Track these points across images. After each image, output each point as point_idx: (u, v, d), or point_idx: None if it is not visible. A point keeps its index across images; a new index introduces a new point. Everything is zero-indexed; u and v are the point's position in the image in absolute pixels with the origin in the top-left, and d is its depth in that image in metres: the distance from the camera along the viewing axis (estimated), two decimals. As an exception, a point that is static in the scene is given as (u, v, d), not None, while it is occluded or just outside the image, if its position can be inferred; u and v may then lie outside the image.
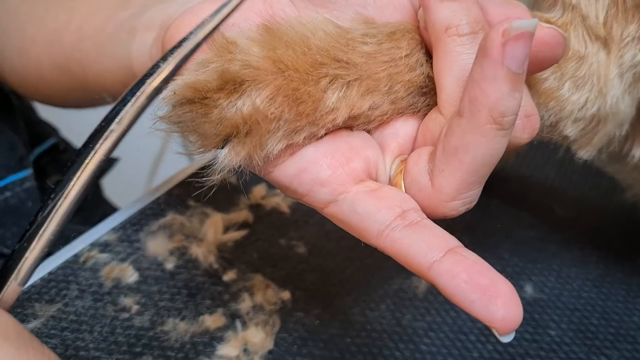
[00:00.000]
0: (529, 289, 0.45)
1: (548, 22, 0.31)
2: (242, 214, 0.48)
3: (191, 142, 0.28)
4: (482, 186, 0.27)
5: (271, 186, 0.51)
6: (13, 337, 0.24)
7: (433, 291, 0.44)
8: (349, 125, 0.29)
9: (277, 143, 0.27)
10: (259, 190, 0.51)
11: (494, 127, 0.25)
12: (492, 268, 0.25)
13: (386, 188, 0.28)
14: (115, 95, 0.39)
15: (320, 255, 0.46)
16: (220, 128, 0.26)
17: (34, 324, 0.38)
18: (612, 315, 0.44)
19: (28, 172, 0.51)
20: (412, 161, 0.28)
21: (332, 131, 0.29)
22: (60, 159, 0.60)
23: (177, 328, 0.40)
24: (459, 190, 0.26)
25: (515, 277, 0.46)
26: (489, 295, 0.24)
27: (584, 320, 0.44)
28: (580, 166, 0.56)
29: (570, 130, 0.31)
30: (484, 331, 0.42)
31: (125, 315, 0.40)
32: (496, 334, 0.24)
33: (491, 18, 0.28)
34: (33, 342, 0.25)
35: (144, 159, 1.23)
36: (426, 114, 0.30)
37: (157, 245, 0.45)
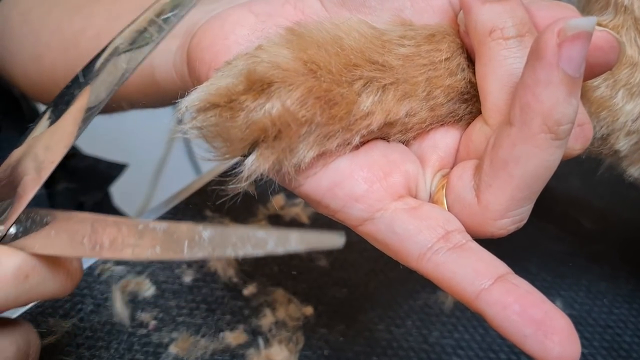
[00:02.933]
0: (558, 304, 0.44)
1: (599, 25, 0.29)
2: (261, 225, 0.46)
3: (216, 147, 0.26)
4: (533, 203, 0.25)
5: (290, 196, 0.50)
6: None
7: (460, 306, 0.43)
8: (385, 134, 0.27)
9: (309, 150, 0.25)
10: (278, 200, 0.49)
11: (548, 137, 0.23)
12: (546, 299, 0.23)
13: (427, 206, 0.26)
14: (133, 103, 0.37)
15: (342, 268, 0.45)
16: (247, 132, 0.25)
17: (48, 339, 0.37)
18: (645, 333, 0.43)
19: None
20: (456, 176, 0.26)
21: (367, 142, 0.27)
22: (68, 164, 0.59)
23: (197, 345, 0.38)
24: (508, 207, 0.25)
25: (544, 292, 0.44)
26: (544, 330, 0.22)
27: (617, 337, 0.42)
28: (606, 178, 0.54)
29: (622, 144, 0.29)
30: (514, 349, 0.40)
31: (143, 331, 0.39)
32: None
33: (538, 21, 0.26)
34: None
35: (147, 166, 1.21)
36: (468, 123, 0.28)
37: (174, 258, 0.44)
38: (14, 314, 0.37)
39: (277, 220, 0.48)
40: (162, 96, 0.34)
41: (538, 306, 0.22)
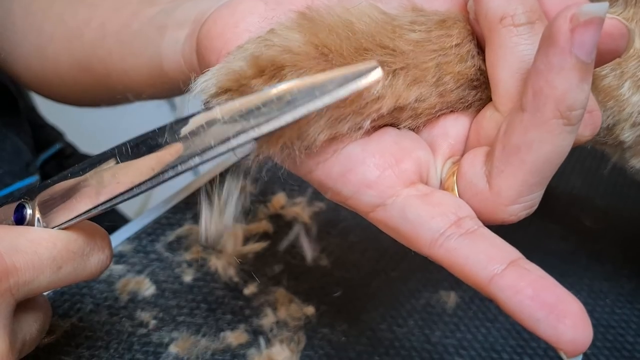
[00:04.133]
0: (561, 303, 0.43)
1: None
2: (262, 225, 0.46)
3: None
4: (544, 189, 0.25)
5: (290, 195, 0.49)
6: None
7: (462, 306, 0.43)
8: (395, 119, 0.27)
9: (320, 133, 0.25)
10: (278, 200, 0.49)
11: (560, 122, 0.23)
12: (558, 284, 0.23)
13: (439, 193, 0.26)
14: (139, 95, 0.37)
15: (344, 267, 0.44)
16: None
17: (47, 339, 0.36)
18: (648, 332, 0.42)
19: (35, 178, 0.49)
20: (467, 163, 0.26)
21: (378, 129, 0.27)
22: (66, 164, 0.58)
23: (198, 345, 0.37)
24: (520, 192, 0.25)
25: (546, 292, 0.44)
26: (557, 314, 0.22)
27: (619, 337, 0.42)
28: (607, 176, 0.54)
29: (627, 135, 0.29)
30: (517, 349, 0.40)
31: (143, 330, 0.38)
32: (564, 356, 0.22)
33: (548, 8, 0.26)
34: None
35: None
36: (478, 110, 0.28)
37: (174, 257, 0.43)
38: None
39: (277, 220, 0.47)
40: (170, 87, 0.34)
41: (551, 290, 0.22)
